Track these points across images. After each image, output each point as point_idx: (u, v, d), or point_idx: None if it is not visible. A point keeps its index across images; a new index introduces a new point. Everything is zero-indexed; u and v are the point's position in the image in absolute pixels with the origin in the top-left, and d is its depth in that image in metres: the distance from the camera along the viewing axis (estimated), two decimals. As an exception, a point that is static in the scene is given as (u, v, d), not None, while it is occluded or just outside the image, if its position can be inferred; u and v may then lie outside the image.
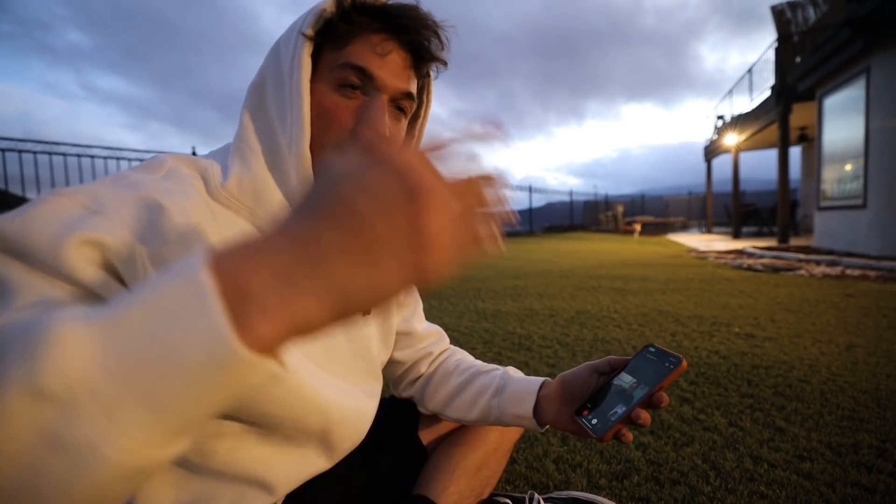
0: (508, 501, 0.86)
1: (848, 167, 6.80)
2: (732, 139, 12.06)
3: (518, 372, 0.79)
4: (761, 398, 1.57)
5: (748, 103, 11.75)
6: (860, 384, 1.68)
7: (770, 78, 10.35)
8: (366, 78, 0.52)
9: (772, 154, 15.10)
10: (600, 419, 0.60)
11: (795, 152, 12.96)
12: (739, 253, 7.28)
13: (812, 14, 11.81)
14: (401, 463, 0.79)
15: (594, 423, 0.60)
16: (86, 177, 6.90)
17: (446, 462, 0.77)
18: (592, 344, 2.28)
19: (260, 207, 0.54)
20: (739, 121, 12.05)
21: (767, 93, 10.16)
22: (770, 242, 9.00)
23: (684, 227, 20.31)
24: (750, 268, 5.37)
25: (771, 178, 12.09)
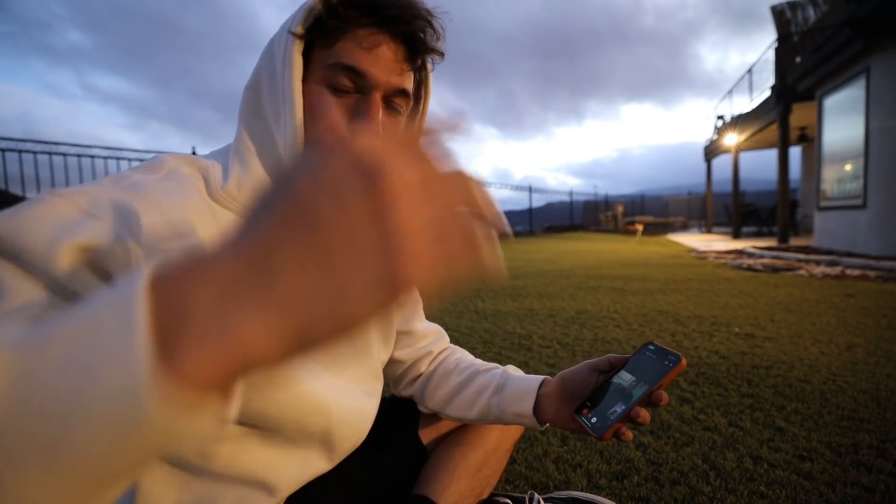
0: (508, 501, 0.86)
1: (848, 167, 6.80)
2: (732, 139, 12.05)
3: (518, 370, 0.79)
4: (761, 398, 1.57)
5: (748, 103, 11.76)
6: (860, 384, 1.68)
7: (770, 78, 10.35)
8: (357, 76, 0.51)
9: (772, 154, 15.10)
10: (600, 418, 0.60)
11: (795, 152, 12.97)
12: (739, 253, 7.28)
13: (812, 14, 11.81)
14: (401, 463, 0.79)
15: (594, 422, 0.60)
16: (86, 177, 6.89)
17: (446, 462, 0.77)
18: (592, 344, 2.28)
19: None
20: (739, 121, 12.05)
21: (767, 93, 10.16)
22: (770, 242, 9.00)
23: (684, 227, 20.31)
24: (750, 268, 5.37)
25: (771, 178, 12.09)
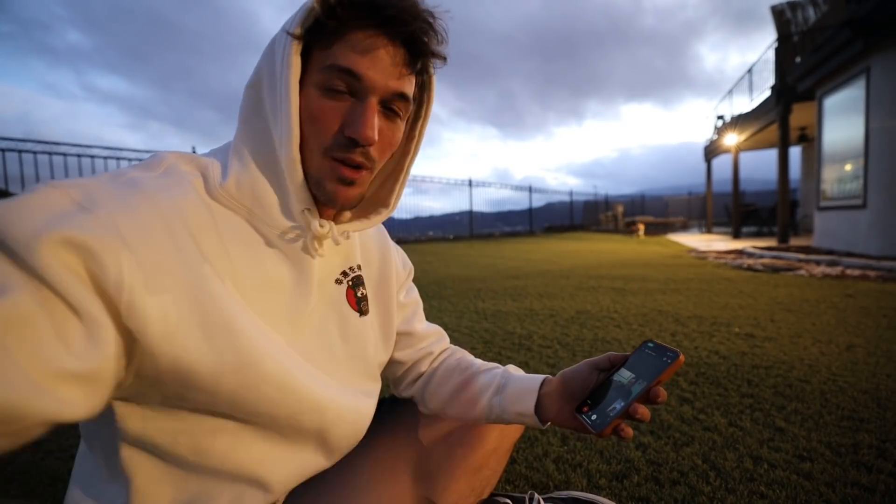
0: (508, 501, 0.86)
1: (848, 167, 6.80)
2: (732, 139, 12.05)
3: (518, 370, 0.79)
4: (761, 398, 1.57)
5: (748, 103, 11.76)
6: (860, 384, 1.68)
7: (770, 78, 10.35)
8: (353, 79, 0.50)
9: (772, 154, 15.10)
10: (600, 415, 0.61)
11: (795, 152, 12.97)
12: (739, 253, 7.28)
13: (812, 14, 11.80)
14: (401, 463, 0.79)
15: (594, 420, 0.61)
16: (86, 177, 6.90)
17: (446, 462, 0.77)
18: (592, 344, 2.28)
19: (257, 207, 0.54)
20: (739, 121, 12.05)
21: (767, 93, 10.16)
22: (770, 242, 9.00)
23: (684, 227, 20.31)
24: (750, 268, 5.37)
25: (771, 178, 12.09)
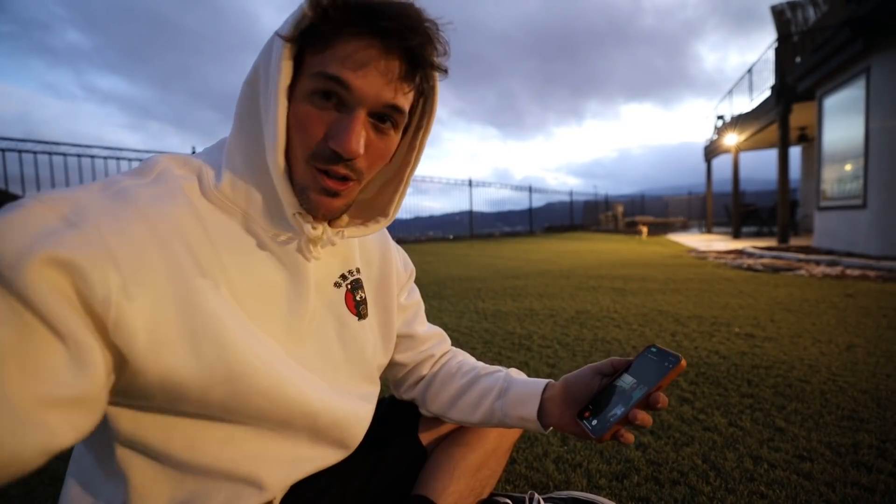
0: (508, 501, 0.86)
1: (848, 167, 6.80)
2: (732, 139, 12.05)
3: (521, 374, 0.79)
4: (761, 398, 1.57)
5: (748, 103, 11.75)
6: (860, 384, 1.68)
7: (770, 78, 10.35)
8: (341, 88, 0.48)
9: (772, 154, 15.10)
10: (600, 421, 0.61)
11: (795, 152, 12.97)
12: (739, 253, 7.28)
13: (812, 14, 11.80)
14: (400, 463, 0.79)
15: (594, 425, 0.61)
16: (86, 177, 6.91)
17: (446, 462, 0.77)
18: (592, 344, 2.28)
19: (252, 209, 0.53)
20: (739, 121, 12.04)
21: (767, 93, 10.16)
22: (770, 242, 9.00)
23: (684, 227, 20.31)
24: (750, 268, 5.37)
25: (771, 178, 12.09)
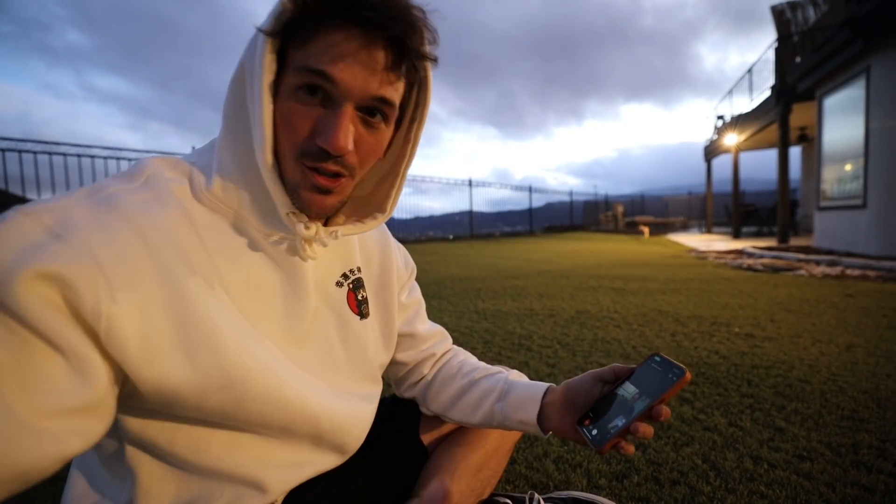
0: (508, 501, 0.86)
1: (848, 167, 6.80)
2: (732, 139, 12.05)
3: (522, 376, 0.79)
4: (761, 398, 1.57)
5: (748, 103, 11.75)
6: (860, 384, 1.68)
7: (770, 78, 10.35)
8: (326, 82, 0.46)
9: (772, 154, 15.09)
10: (600, 431, 0.60)
11: (795, 152, 12.97)
12: (739, 253, 7.28)
13: (812, 14, 11.80)
14: (401, 463, 0.79)
15: (594, 435, 0.60)
16: (86, 177, 6.91)
17: (447, 462, 0.77)
18: (592, 344, 2.28)
19: (244, 209, 0.53)
20: (739, 121, 12.04)
21: (767, 93, 10.16)
22: (770, 242, 9.00)
23: (684, 227, 20.31)
24: (750, 268, 5.37)
25: (771, 178, 12.09)
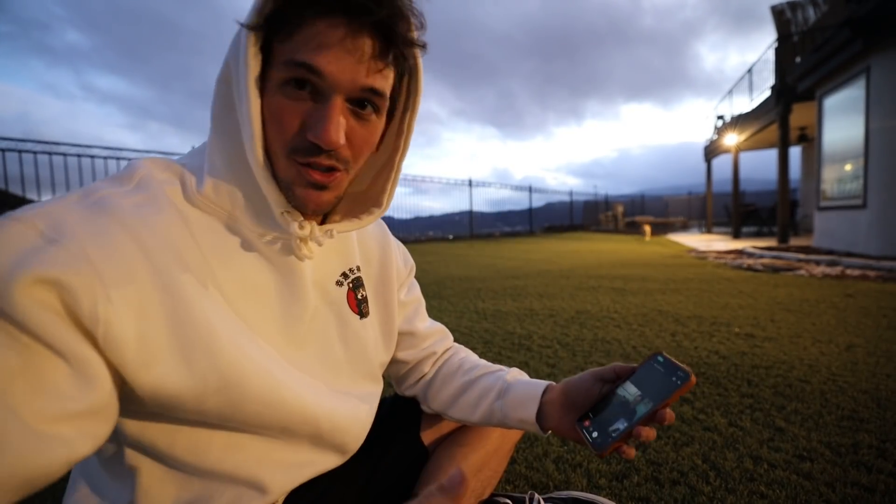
0: (508, 501, 0.86)
1: (848, 167, 6.80)
2: (732, 139, 12.05)
3: (522, 374, 0.79)
4: (761, 398, 1.57)
5: (748, 103, 11.75)
6: (860, 384, 1.68)
7: (770, 78, 10.35)
8: (313, 75, 0.45)
9: (772, 154, 15.10)
10: (601, 433, 0.58)
11: (795, 152, 12.97)
12: (739, 253, 7.28)
13: (812, 14, 11.80)
14: (401, 463, 0.79)
15: (594, 437, 0.58)
16: (86, 177, 6.92)
17: (447, 462, 0.77)
18: (592, 344, 2.28)
19: (237, 210, 0.52)
20: (739, 121, 12.04)
21: (767, 93, 10.16)
22: (770, 242, 9.00)
23: (684, 227, 20.31)
24: (750, 268, 5.37)
25: (771, 178, 12.09)
